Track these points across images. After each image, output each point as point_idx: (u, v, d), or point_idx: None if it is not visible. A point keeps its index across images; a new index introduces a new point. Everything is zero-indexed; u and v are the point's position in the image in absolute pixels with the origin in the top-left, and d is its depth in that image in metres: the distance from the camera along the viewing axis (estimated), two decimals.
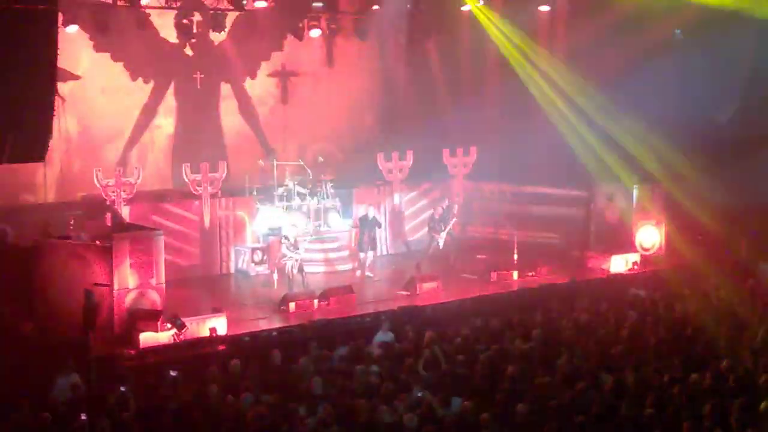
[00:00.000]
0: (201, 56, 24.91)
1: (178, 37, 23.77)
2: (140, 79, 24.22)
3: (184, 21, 22.90)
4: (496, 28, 25.91)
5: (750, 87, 24.15)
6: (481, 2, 25.58)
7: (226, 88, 25.65)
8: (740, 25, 23.17)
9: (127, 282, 16.94)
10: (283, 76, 26.41)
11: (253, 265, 22.28)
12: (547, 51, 25.82)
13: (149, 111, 24.52)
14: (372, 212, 22.36)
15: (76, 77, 23.00)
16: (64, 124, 22.57)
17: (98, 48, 23.02)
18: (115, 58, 23.66)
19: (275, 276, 20.98)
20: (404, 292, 20.36)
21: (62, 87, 21.56)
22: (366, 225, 21.91)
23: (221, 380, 13.79)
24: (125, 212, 20.69)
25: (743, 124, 24.19)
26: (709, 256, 22.50)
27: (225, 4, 23.34)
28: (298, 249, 20.49)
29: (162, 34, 24.05)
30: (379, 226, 22.53)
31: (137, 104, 24.34)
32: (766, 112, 23.98)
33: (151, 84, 24.45)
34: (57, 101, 19.05)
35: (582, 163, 23.93)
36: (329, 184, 23.76)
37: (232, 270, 22.51)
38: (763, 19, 22.60)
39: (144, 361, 15.89)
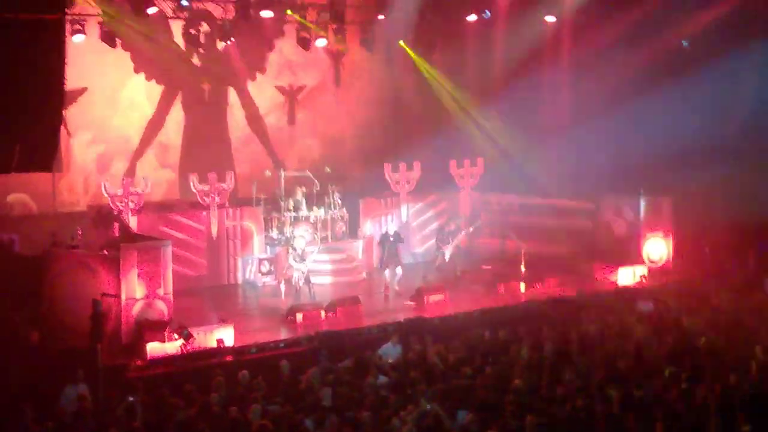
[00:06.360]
0: (208, 67, 24.99)
1: (185, 48, 23.86)
2: (148, 89, 24.31)
3: (192, 31, 22.97)
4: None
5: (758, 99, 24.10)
6: (488, 15, 25.69)
7: (233, 99, 25.72)
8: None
9: (135, 292, 16.94)
10: (291, 93, 26.49)
11: (260, 275, 22.32)
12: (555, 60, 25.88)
13: (157, 121, 24.60)
14: (392, 229, 22.26)
15: (83, 88, 23.05)
16: (72, 133, 22.66)
17: (106, 58, 23.04)
18: (122, 68, 23.74)
19: (282, 287, 21.00)
20: (411, 303, 20.37)
21: (69, 98, 21.65)
22: (386, 243, 21.54)
23: (228, 391, 13.79)
24: (133, 222, 20.73)
25: (752, 136, 24.10)
26: (716, 269, 22.48)
27: (232, 15, 23.41)
28: (305, 260, 20.51)
29: (170, 45, 24.12)
30: (401, 241, 21.93)
31: (145, 114, 24.40)
32: None
33: (159, 94, 24.53)
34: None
35: (590, 175, 23.91)
36: (337, 195, 23.76)
37: (240, 280, 22.55)
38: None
39: (151, 371, 15.90)
